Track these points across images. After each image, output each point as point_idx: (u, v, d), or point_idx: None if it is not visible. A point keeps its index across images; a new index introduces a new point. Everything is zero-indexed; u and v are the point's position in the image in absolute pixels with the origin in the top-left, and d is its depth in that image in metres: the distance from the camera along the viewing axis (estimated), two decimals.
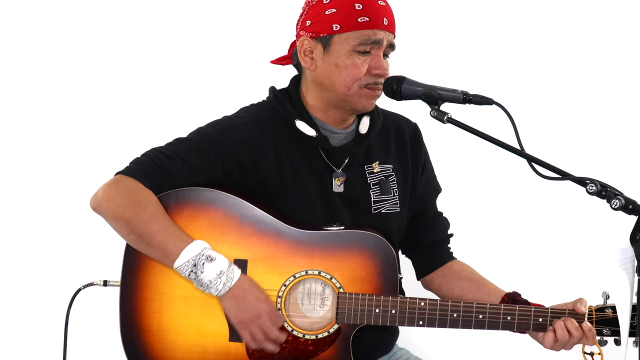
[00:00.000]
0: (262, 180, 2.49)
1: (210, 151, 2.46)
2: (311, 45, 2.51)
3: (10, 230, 3.57)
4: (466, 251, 2.82)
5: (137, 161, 2.46)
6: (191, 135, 2.52)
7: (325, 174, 2.56)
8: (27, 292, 3.54)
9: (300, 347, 2.46)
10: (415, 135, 2.70)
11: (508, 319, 2.44)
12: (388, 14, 2.49)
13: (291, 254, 2.45)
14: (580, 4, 3.68)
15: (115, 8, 3.60)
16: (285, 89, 2.61)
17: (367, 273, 2.46)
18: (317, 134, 2.52)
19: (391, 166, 2.64)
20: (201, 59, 3.60)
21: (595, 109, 3.68)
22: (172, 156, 2.44)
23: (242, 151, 2.48)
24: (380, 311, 2.44)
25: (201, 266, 2.35)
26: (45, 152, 3.58)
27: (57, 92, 3.59)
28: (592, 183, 2.12)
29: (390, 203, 2.62)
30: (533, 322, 2.44)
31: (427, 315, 2.44)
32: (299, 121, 2.52)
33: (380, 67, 2.47)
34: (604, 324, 2.45)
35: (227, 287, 2.36)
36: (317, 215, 2.52)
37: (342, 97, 2.50)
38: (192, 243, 2.37)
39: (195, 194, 2.46)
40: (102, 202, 2.41)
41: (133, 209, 2.38)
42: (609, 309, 2.45)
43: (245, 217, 2.45)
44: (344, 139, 2.58)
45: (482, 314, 2.44)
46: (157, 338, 2.46)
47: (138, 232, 2.39)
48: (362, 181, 2.59)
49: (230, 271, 2.37)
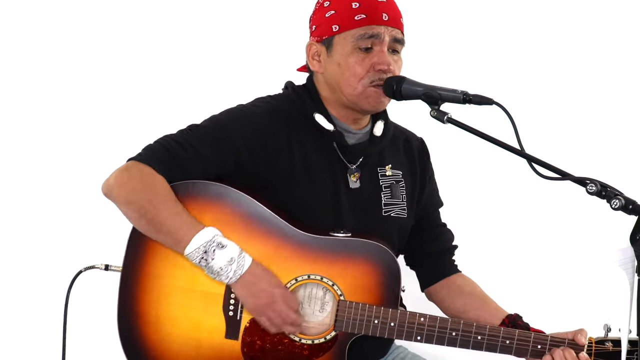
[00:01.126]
0: (274, 171, 2.48)
1: (223, 141, 2.46)
2: (318, 48, 2.54)
3: (13, 213, 3.56)
4: (466, 251, 2.82)
5: (149, 148, 2.46)
6: (205, 123, 2.51)
7: (339, 169, 2.55)
8: (28, 274, 3.53)
9: (296, 351, 2.45)
10: (422, 148, 2.73)
11: (507, 342, 2.44)
12: (389, 10, 2.49)
13: (295, 257, 2.45)
14: (580, 4, 3.68)
15: (121, 6, 3.60)
16: (303, 85, 2.61)
17: (369, 283, 2.45)
18: (334, 129, 2.53)
19: (401, 172, 2.64)
20: (204, 55, 3.60)
21: (595, 109, 3.68)
22: (185, 144, 2.44)
23: (256, 141, 2.48)
24: (379, 322, 2.44)
25: (212, 253, 2.34)
26: (47, 137, 3.57)
27: (64, 83, 3.58)
28: (592, 183, 2.12)
29: (398, 208, 2.62)
30: (532, 349, 2.44)
31: (425, 331, 2.44)
32: (318, 115, 2.52)
33: (383, 62, 2.46)
34: (603, 357, 2.42)
35: (238, 275, 2.36)
36: (325, 212, 2.51)
37: (350, 98, 2.50)
38: (203, 230, 2.36)
39: (204, 188, 2.45)
40: (115, 187, 2.41)
41: (145, 194, 2.38)
42: (609, 343, 2.42)
43: (252, 215, 2.45)
44: (359, 139, 2.59)
45: (481, 335, 2.44)
46: (154, 328, 2.45)
47: (149, 218, 2.38)
48: (374, 182, 2.60)
49: (241, 258, 2.37)
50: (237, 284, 2.37)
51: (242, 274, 2.36)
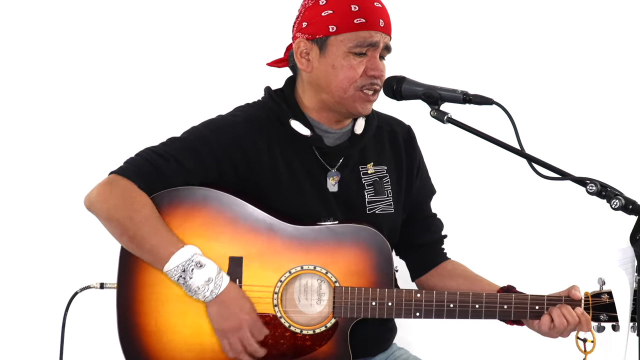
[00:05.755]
0: (256, 179, 2.50)
1: (204, 151, 2.47)
2: (307, 46, 2.51)
3: (7, 234, 3.56)
4: (466, 252, 2.82)
5: (131, 161, 2.46)
6: (185, 135, 2.52)
7: (319, 173, 2.56)
8: (24, 295, 3.52)
9: (298, 343, 2.46)
10: (408, 138, 2.70)
11: (505, 307, 2.45)
12: (384, 16, 2.49)
13: (286, 250, 2.46)
14: (580, 4, 3.68)
15: (108, 10, 3.59)
16: (280, 89, 2.61)
17: (363, 267, 2.46)
18: (311, 134, 2.53)
19: (385, 167, 2.64)
20: (196, 59, 3.60)
21: (595, 109, 3.68)
22: (166, 156, 2.45)
23: (236, 150, 2.48)
24: (376, 304, 2.45)
25: (190, 272, 2.35)
26: (41, 155, 3.56)
27: (51, 94, 3.56)
28: (592, 183, 2.12)
29: (384, 204, 2.62)
30: (530, 310, 2.45)
31: (423, 307, 2.45)
32: (293, 120, 2.52)
33: (377, 68, 2.47)
34: (601, 309, 2.45)
35: (214, 294, 2.37)
36: (311, 215, 2.52)
37: (338, 100, 2.50)
38: (183, 248, 2.37)
39: (189, 193, 2.46)
40: (96, 202, 2.42)
41: (126, 210, 2.39)
42: (605, 295, 2.45)
43: (239, 215, 2.46)
44: (339, 139, 2.58)
45: (479, 303, 2.45)
46: (155, 338, 2.46)
47: (130, 234, 2.39)
48: (356, 181, 2.59)
49: (219, 279, 2.38)
50: (211, 303, 2.39)
51: (218, 293, 2.37)
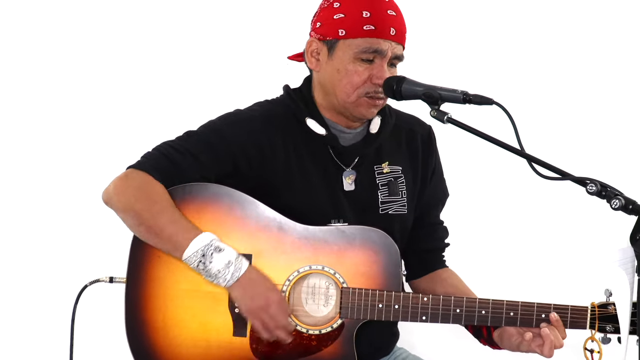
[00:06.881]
0: (270, 175, 2.51)
1: (220, 146, 2.48)
2: (318, 46, 2.53)
3: (18, 227, 3.57)
4: (466, 251, 2.82)
5: (148, 155, 2.49)
6: (201, 129, 2.54)
7: (334, 172, 2.56)
8: (33, 289, 3.55)
9: (304, 342, 2.47)
10: (428, 139, 2.70)
11: (511, 314, 2.44)
12: (397, 24, 2.48)
13: (295, 249, 2.46)
14: (580, 4, 3.68)
15: (127, 5, 3.60)
16: (298, 88, 2.62)
17: (371, 268, 2.47)
18: (326, 133, 2.54)
19: (401, 167, 2.64)
20: (216, 54, 3.61)
21: (595, 109, 3.68)
22: (183, 151, 2.47)
23: (251, 145, 2.50)
24: (383, 306, 2.45)
25: (210, 256, 2.36)
26: (52, 150, 3.58)
27: (64, 90, 3.59)
28: (592, 183, 2.12)
29: (398, 204, 2.62)
30: (536, 318, 2.44)
31: (430, 311, 2.45)
32: (309, 119, 2.54)
33: (381, 77, 2.47)
34: (608, 320, 2.42)
35: (235, 278, 2.38)
36: (323, 214, 2.52)
37: (341, 104, 2.51)
38: (201, 234, 2.39)
39: (201, 189, 2.47)
40: (114, 195, 2.45)
41: (144, 202, 2.42)
42: (612, 306, 2.42)
43: (250, 212, 2.47)
44: (354, 139, 2.59)
45: (485, 309, 2.44)
46: (162, 333, 2.47)
47: (148, 225, 2.41)
48: (370, 181, 2.60)
49: (239, 262, 2.39)
50: (234, 286, 2.39)
51: (239, 276, 2.38)
